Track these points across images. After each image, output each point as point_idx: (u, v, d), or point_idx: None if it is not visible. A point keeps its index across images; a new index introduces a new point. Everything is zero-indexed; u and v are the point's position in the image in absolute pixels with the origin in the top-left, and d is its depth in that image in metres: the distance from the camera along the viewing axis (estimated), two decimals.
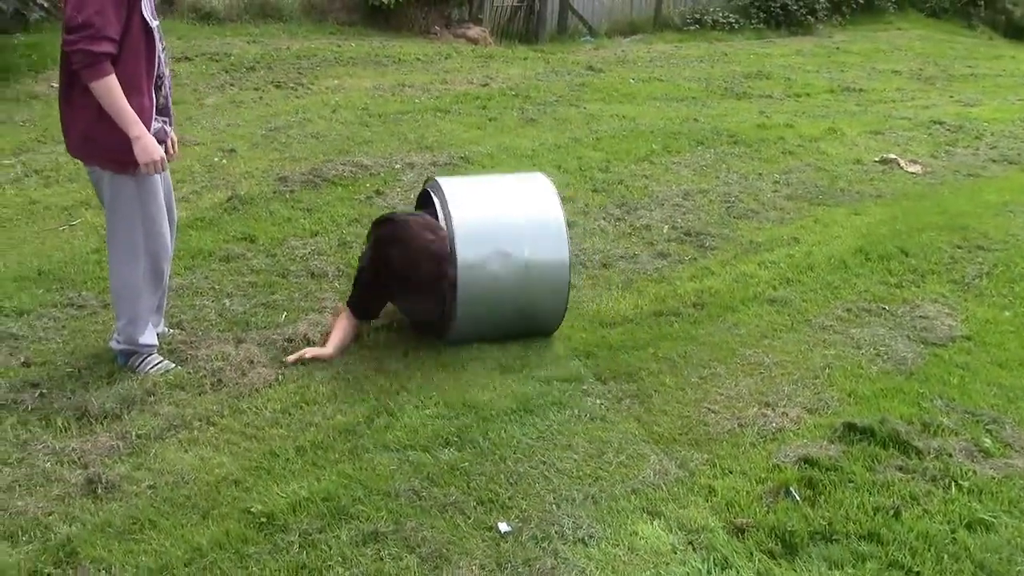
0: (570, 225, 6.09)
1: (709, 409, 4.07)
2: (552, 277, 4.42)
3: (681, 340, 4.69)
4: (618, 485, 3.49)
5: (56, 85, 3.93)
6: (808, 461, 3.63)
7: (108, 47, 3.62)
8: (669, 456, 3.69)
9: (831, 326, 4.96)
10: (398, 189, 6.69)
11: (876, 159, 8.43)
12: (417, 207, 4.88)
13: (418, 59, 11.92)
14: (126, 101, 3.69)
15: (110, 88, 3.65)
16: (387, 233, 4.37)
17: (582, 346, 4.56)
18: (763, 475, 3.58)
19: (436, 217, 4.38)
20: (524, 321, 4.51)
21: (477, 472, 3.49)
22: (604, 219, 6.36)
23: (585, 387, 4.18)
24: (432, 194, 4.53)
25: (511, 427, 3.80)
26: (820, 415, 4.05)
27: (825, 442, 3.79)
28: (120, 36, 3.67)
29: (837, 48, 15.63)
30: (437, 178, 4.58)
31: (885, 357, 4.61)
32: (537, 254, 4.38)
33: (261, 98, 9.45)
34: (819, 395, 4.22)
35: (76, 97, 3.78)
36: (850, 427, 3.85)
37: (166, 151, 4.07)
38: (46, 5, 9.20)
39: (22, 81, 9.18)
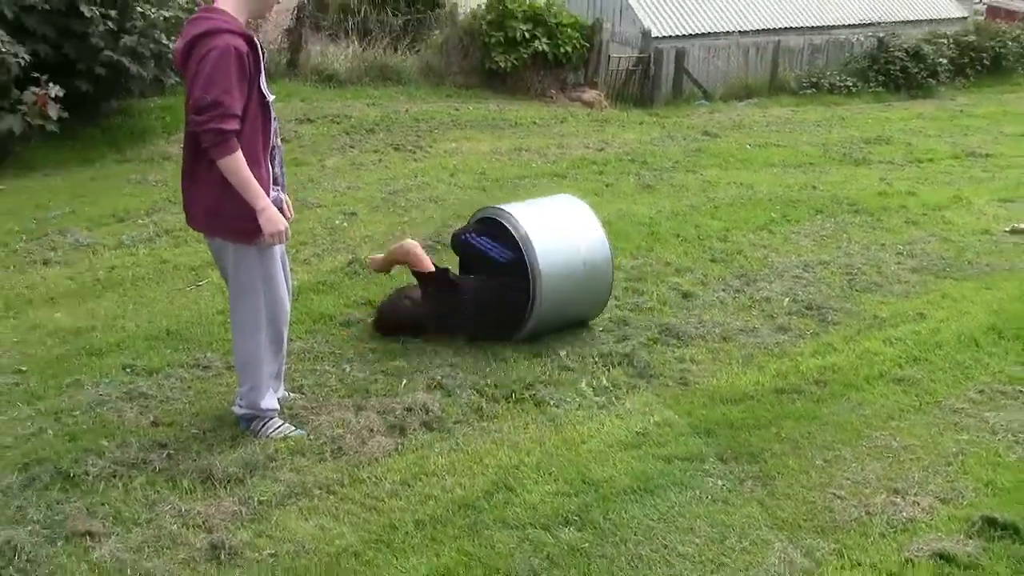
0: (688, 296, 6.10)
1: (835, 495, 3.92)
2: (601, 271, 5.41)
3: (804, 420, 4.55)
4: (741, 573, 3.38)
5: None
6: (944, 557, 3.45)
7: (235, 124, 3.74)
8: (794, 544, 3.57)
9: (963, 409, 4.74)
10: None
11: (1007, 229, 8.11)
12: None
13: (534, 123, 12.06)
14: (251, 174, 3.80)
15: (238, 163, 3.76)
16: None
17: (702, 423, 4.46)
18: (894, 569, 3.42)
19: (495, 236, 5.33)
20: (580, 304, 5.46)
21: (597, 554, 3.43)
22: (723, 290, 6.26)
23: (706, 467, 4.08)
24: (498, 219, 5.30)
25: (632, 507, 3.73)
26: (955, 506, 3.85)
27: (962, 536, 3.59)
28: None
29: (960, 111, 15.21)
30: (497, 205, 5.45)
31: None
32: (592, 255, 5.33)
33: (380, 160, 9.67)
34: (952, 484, 4.03)
35: (201, 173, 3.89)
36: (990, 521, 3.64)
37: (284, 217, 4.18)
38: None
39: (156, 142, 9.61)
